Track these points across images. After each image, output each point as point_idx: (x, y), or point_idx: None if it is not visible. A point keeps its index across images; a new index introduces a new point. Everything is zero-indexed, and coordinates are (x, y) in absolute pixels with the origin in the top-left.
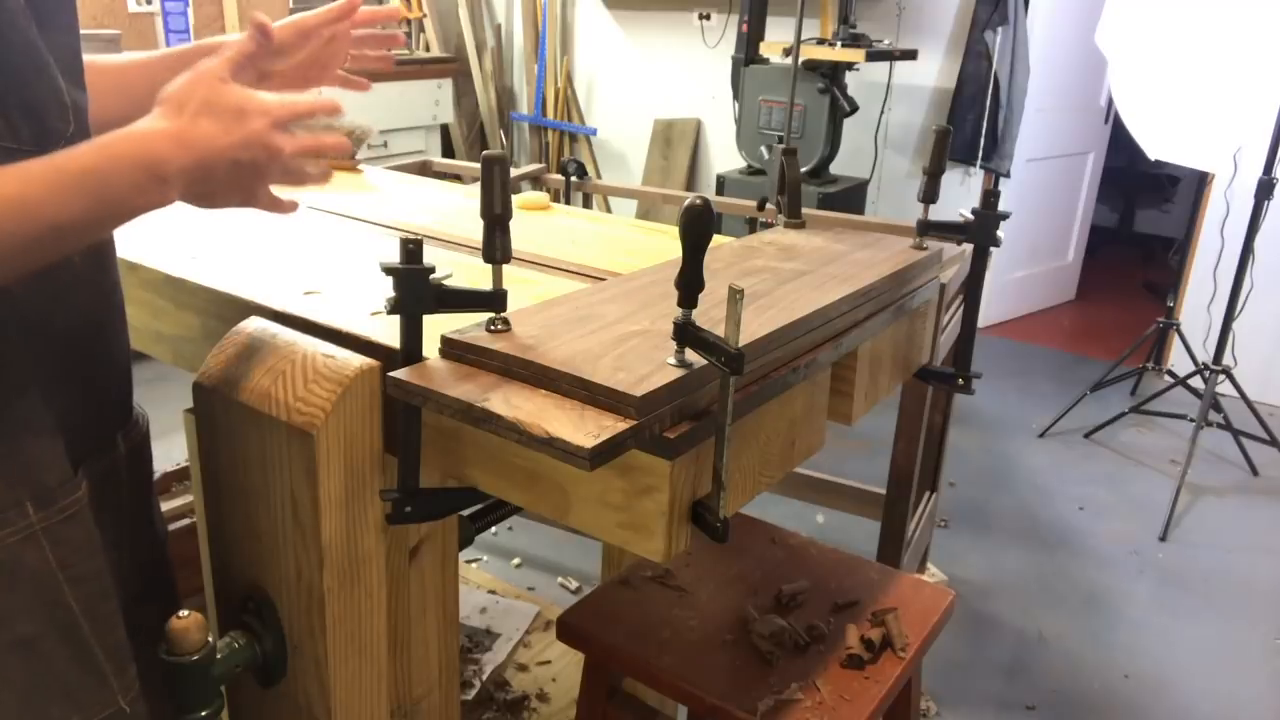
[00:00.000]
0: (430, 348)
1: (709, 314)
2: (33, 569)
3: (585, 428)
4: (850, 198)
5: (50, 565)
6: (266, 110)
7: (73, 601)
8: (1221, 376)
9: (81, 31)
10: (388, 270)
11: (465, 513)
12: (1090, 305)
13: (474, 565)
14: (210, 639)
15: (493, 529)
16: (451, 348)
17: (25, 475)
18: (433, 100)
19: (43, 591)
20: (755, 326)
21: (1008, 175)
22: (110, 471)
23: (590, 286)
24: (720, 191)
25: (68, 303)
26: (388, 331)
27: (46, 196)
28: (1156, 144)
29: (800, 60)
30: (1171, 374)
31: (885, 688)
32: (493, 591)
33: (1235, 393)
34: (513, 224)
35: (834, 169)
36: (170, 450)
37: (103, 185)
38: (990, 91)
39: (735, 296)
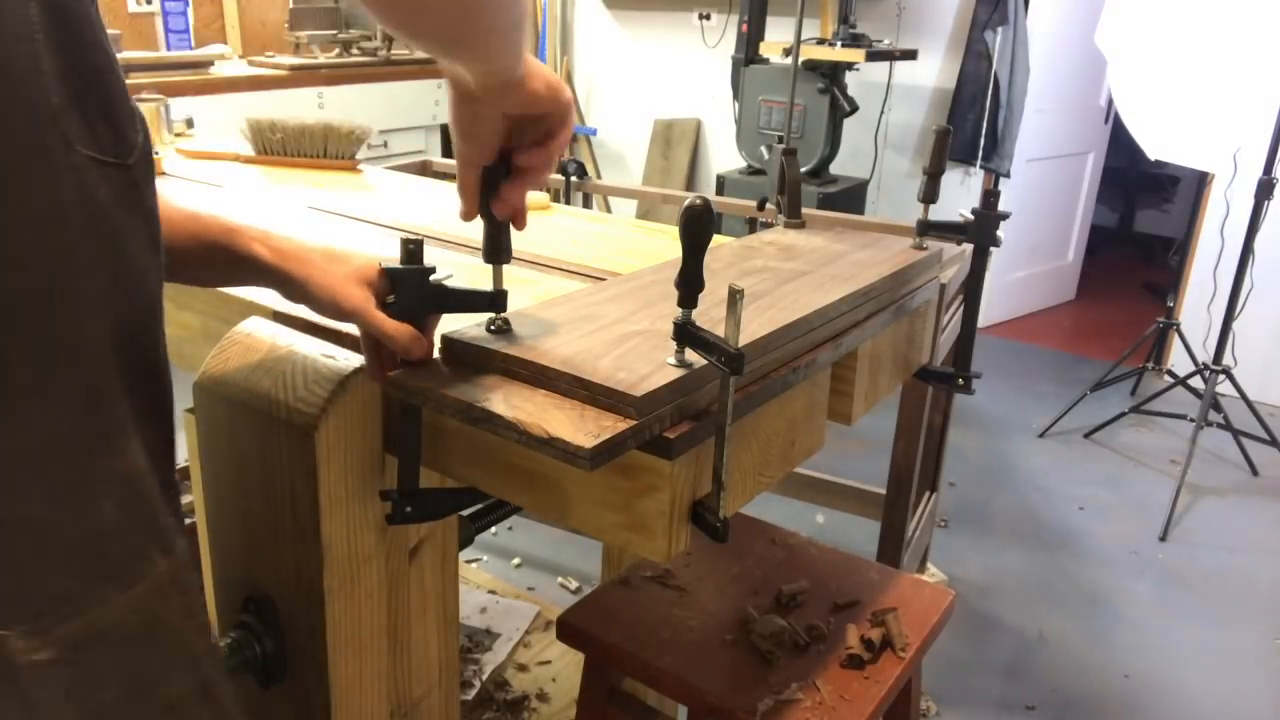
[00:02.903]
0: None
1: (709, 314)
2: (170, 623)
3: (585, 428)
4: (850, 198)
5: (181, 618)
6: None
7: (202, 654)
8: (1221, 376)
9: None
10: (388, 270)
11: (465, 513)
12: (1090, 305)
13: (474, 565)
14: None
15: (493, 529)
16: (451, 348)
17: (147, 520)
18: (433, 100)
19: (180, 647)
20: (755, 326)
21: (1008, 175)
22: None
23: (590, 286)
24: (720, 191)
25: (150, 324)
26: None
27: None
28: (1156, 144)
29: (800, 60)
30: (1171, 374)
31: (885, 688)
32: (493, 591)
33: (1235, 393)
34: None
35: (834, 169)
36: None
37: None
38: (990, 91)
39: (735, 296)
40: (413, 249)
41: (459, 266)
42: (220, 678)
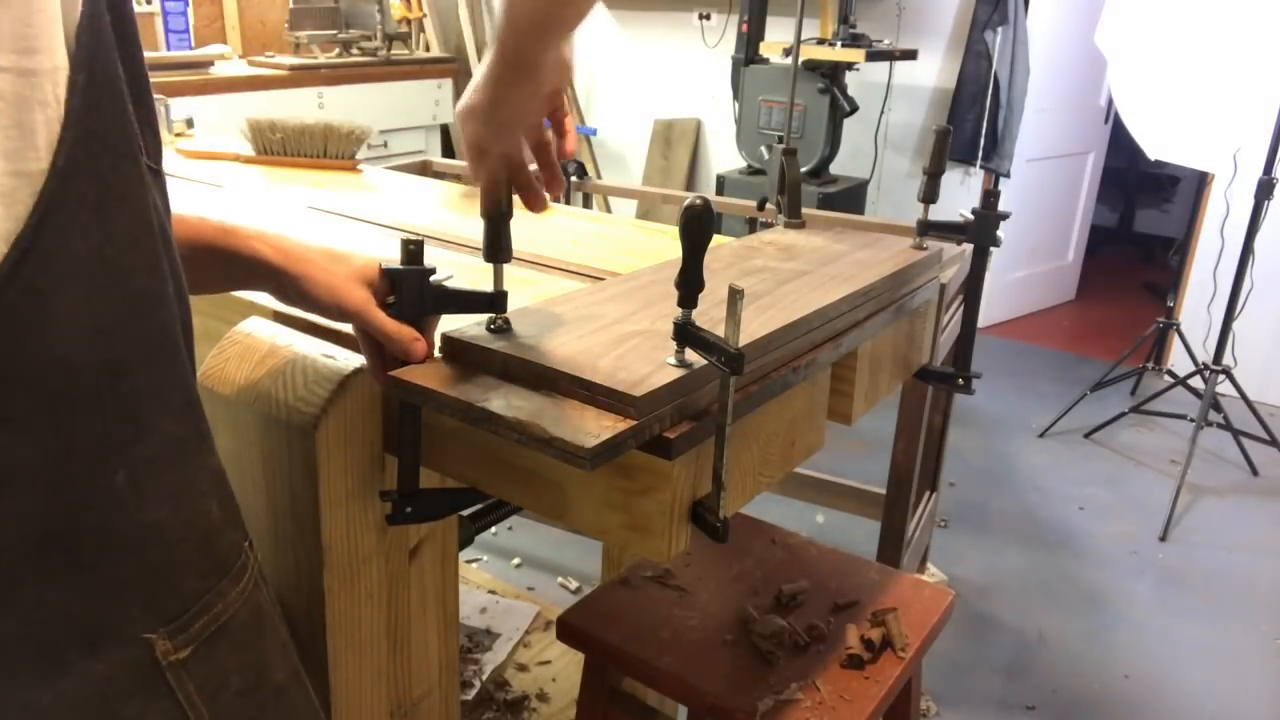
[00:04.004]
0: None
1: (709, 314)
2: (266, 611)
3: (585, 428)
4: (850, 198)
5: (270, 605)
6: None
7: (287, 639)
8: (1221, 376)
9: None
10: (388, 271)
11: (465, 513)
12: (1090, 305)
13: (474, 565)
14: None
15: (493, 529)
16: (451, 348)
17: (234, 513)
18: (433, 100)
19: (276, 633)
20: (755, 326)
21: (1008, 175)
22: None
23: (590, 286)
24: (720, 191)
25: (191, 325)
26: None
27: None
28: (1156, 144)
29: (800, 60)
30: (1171, 374)
31: (885, 688)
32: (493, 591)
33: (1235, 393)
34: (513, 224)
35: (834, 169)
36: None
37: None
38: (990, 91)
39: (735, 296)
40: (413, 249)
41: (459, 266)
42: (299, 662)
